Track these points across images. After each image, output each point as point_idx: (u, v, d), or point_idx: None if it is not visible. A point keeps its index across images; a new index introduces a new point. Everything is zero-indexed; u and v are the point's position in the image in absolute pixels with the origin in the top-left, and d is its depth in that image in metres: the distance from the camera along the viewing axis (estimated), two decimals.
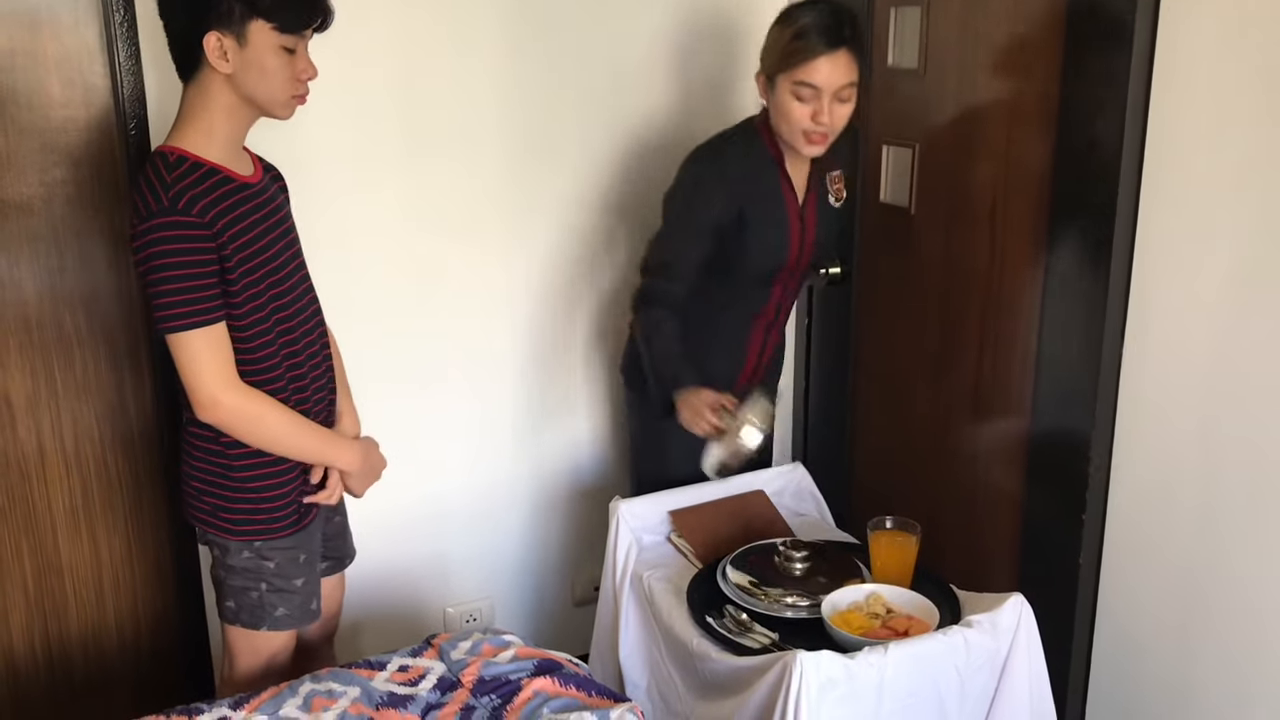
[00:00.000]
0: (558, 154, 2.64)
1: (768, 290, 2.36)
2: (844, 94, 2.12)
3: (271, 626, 2.03)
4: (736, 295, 2.35)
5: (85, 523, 2.37)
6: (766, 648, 1.95)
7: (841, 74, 2.10)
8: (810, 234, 2.33)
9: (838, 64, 2.09)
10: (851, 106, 2.16)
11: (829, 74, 2.09)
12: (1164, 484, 2.09)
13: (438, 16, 2.42)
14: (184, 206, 1.76)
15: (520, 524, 2.84)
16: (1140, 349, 2.09)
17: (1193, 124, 1.94)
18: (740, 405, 2.14)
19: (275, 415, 1.91)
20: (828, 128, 2.14)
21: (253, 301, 1.88)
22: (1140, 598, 2.16)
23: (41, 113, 2.16)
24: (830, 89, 2.10)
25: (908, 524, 2.11)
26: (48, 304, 2.24)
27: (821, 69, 2.09)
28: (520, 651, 1.98)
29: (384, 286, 2.51)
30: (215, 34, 1.77)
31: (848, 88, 2.12)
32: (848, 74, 2.11)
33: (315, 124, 2.30)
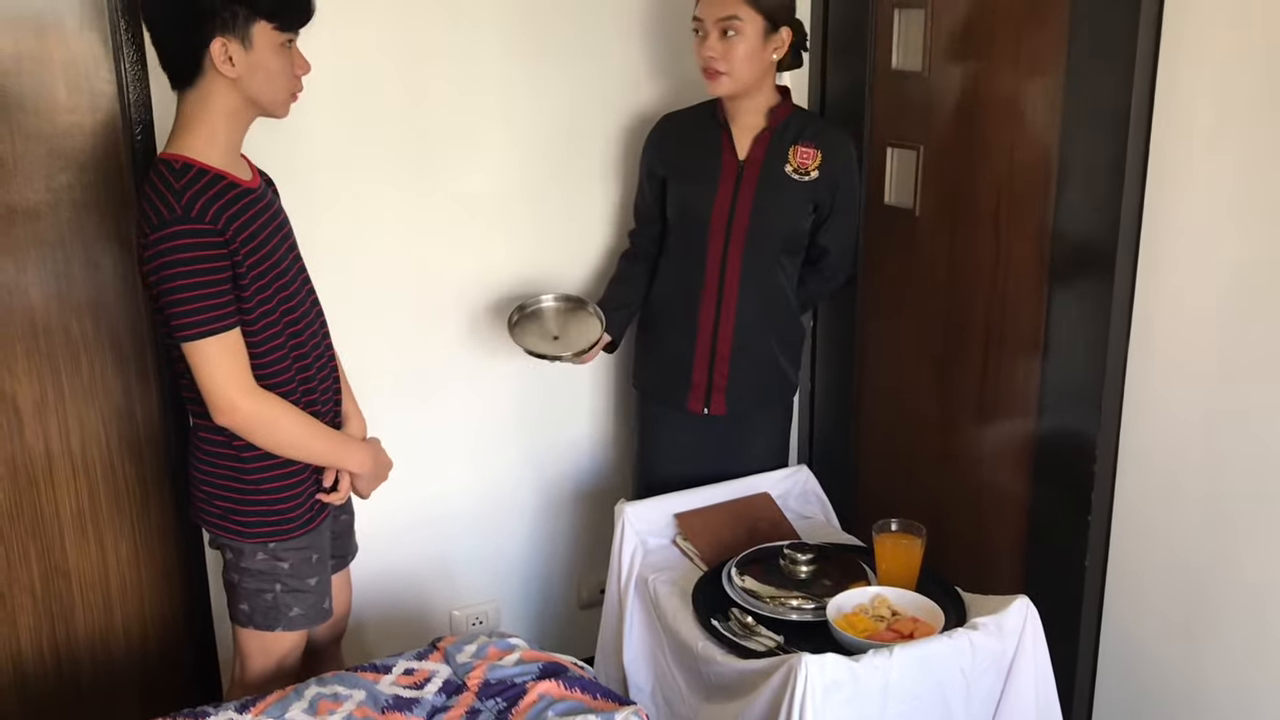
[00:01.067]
0: (559, 158, 2.64)
1: (703, 245, 2.43)
2: (728, 27, 2.27)
3: (286, 627, 2.04)
4: (680, 264, 2.48)
5: (92, 527, 2.38)
6: (772, 650, 1.95)
7: (718, 7, 2.27)
8: (747, 196, 2.38)
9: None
10: (744, 46, 2.28)
11: (707, 6, 2.29)
12: (1170, 485, 2.08)
13: (439, 23, 2.43)
14: (196, 214, 1.77)
15: (526, 527, 2.85)
16: (1145, 349, 2.09)
17: (1197, 124, 1.94)
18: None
19: (290, 418, 1.92)
20: (713, 62, 2.29)
21: (263, 305, 1.89)
22: (1146, 599, 2.16)
23: (48, 118, 2.17)
24: (710, 20, 2.28)
25: (913, 526, 2.11)
26: (54, 309, 2.25)
27: (703, 2, 2.31)
28: (525, 655, 1.98)
29: (387, 290, 2.52)
30: (220, 40, 1.78)
31: (729, 20, 2.27)
32: (727, 8, 2.26)
33: (316, 130, 2.31)
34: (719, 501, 2.41)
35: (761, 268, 2.43)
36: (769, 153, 2.39)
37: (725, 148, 2.41)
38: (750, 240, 2.40)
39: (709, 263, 2.42)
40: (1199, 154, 1.95)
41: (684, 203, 2.44)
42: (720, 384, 2.47)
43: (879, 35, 2.57)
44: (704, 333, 2.45)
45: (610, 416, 2.87)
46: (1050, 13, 2.16)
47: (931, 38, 2.44)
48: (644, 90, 2.69)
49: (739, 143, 2.40)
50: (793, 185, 2.39)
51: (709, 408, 2.49)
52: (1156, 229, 2.03)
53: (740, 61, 2.29)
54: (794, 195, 2.40)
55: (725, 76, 2.30)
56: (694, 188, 2.43)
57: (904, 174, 2.57)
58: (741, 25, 2.27)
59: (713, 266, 2.42)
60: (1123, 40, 2.00)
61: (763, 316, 2.48)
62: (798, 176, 2.39)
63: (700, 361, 2.47)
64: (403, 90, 2.43)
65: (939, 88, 2.45)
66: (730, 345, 2.46)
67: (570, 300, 2.52)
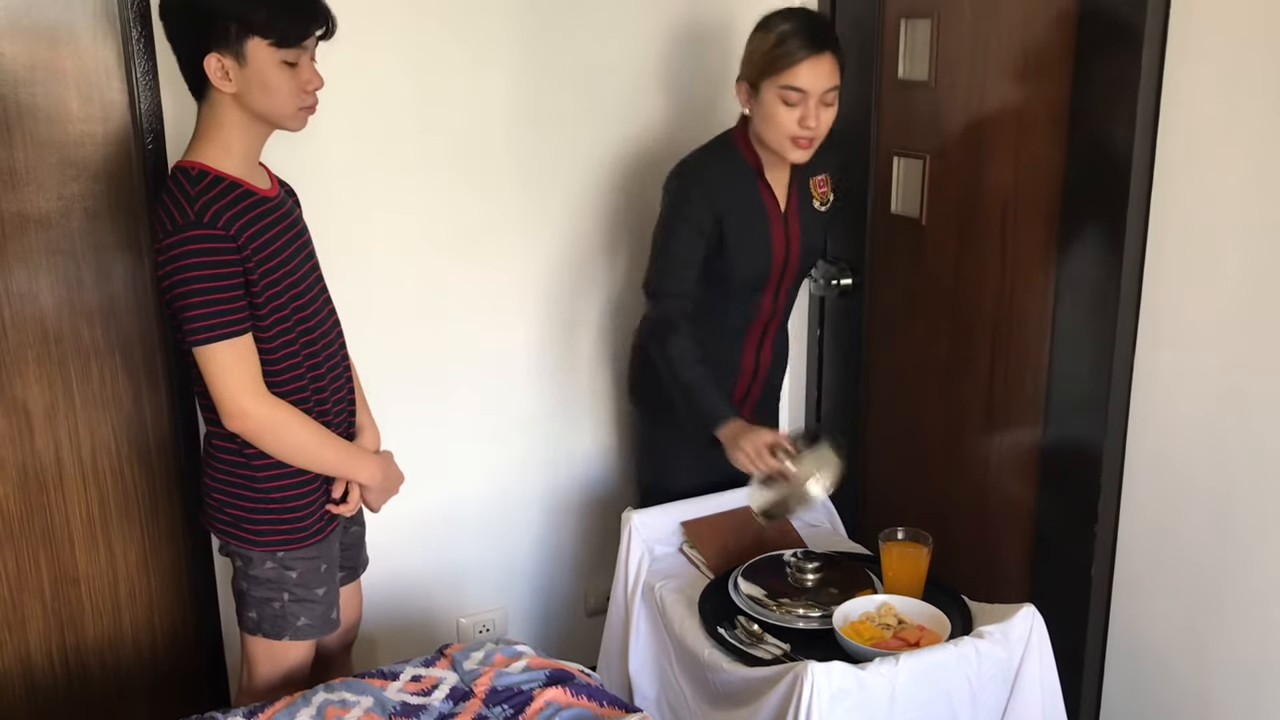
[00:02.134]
0: (568, 169, 2.65)
1: (757, 302, 2.37)
2: (828, 98, 2.16)
3: (294, 636, 2.04)
4: (726, 309, 2.36)
5: (102, 533, 2.39)
6: (778, 658, 1.96)
7: (826, 77, 2.14)
8: (795, 242, 2.34)
9: (822, 67, 2.13)
10: (834, 111, 2.19)
11: (814, 77, 2.13)
12: (1176, 494, 2.08)
13: (453, 37, 2.45)
14: (209, 220, 1.78)
15: (533, 534, 2.85)
16: (1152, 358, 2.09)
17: (1203, 134, 1.95)
18: (802, 451, 2.09)
19: (300, 426, 1.93)
20: (814, 132, 2.17)
21: (277, 313, 1.89)
22: (1153, 608, 2.15)
23: (60, 127, 2.18)
24: (816, 92, 2.14)
25: (919, 535, 2.12)
26: (66, 316, 2.27)
27: (807, 72, 2.12)
28: (532, 662, 1.98)
29: (397, 299, 2.53)
30: (215, 56, 1.78)
31: (831, 91, 2.15)
32: (831, 77, 2.15)
33: (332, 140, 2.33)
34: (725, 509, 2.41)
35: (794, 298, 2.46)
36: (800, 194, 2.35)
37: (767, 198, 2.30)
38: (796, 280, 2.41)
39: (762, 311, 2.37)
40: (1205, 161, 1.95)
41: (740, 266, 2.30)
42: (751, 406, 2.48)
43: (885, 45, 2.58)
44: (746, 368, 2.43)
45: (617, 425, 2.87)
46: (1056, 21, 2.17)
47: (938, 47, 2.45)
48: (653, 108, 2.70)
49: (777, 191, 2.32)
50: (820, 217, 2.39)
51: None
52: (1163, 238, 2.04)
53: (826, 128, 2.19)
54: (821, 227, 2.41)
55: (814, 143, 2.19)
56: (752, 251, 2.30)
57: (910, 183, 2.57)
58: (836, 95, 2.17)
59: (764, 314, 2.38)
60: (1129, 48, 2.00)
61: (783, 339, 2.51)
62: (823, 208, 2.38)
63: (739, 393, 2.44)
64: (415, 101, 2.45)
65: (945, 97, 2.46)
66: (765, 379, 2.48)
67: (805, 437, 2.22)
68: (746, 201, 2.29)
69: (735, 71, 2.27)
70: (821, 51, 2.12)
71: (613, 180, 2.71)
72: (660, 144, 2.71)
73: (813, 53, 2.12)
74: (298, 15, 1.82)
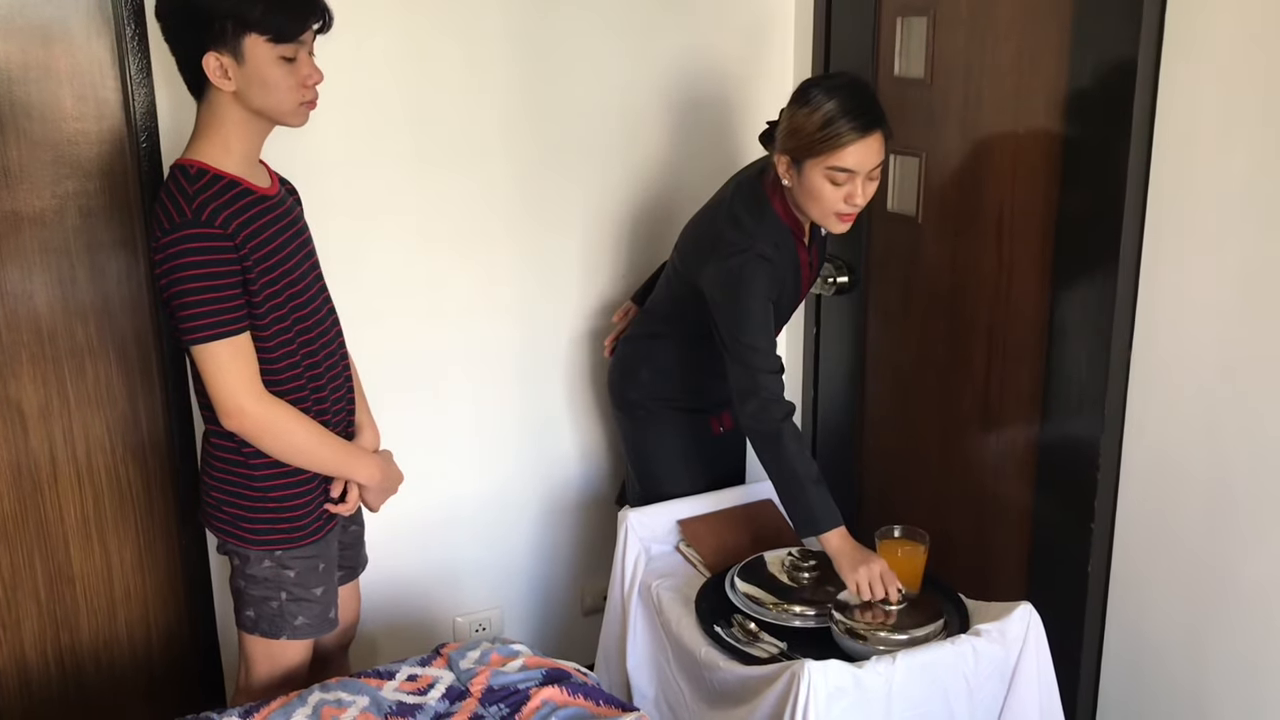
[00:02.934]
0: (565, 170, 2.65)
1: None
2: (875, 173, 2.10)
3: (291, 636, 2.04)
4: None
5: (97, 532, 2.38)
6: (775, 657, 1.96)
7: (874, 156, 2.07)
8: (811, 276, 2.36)
9: (871, 147, 2.06)
10: (878, 183, 2.13)
11: (863, 158, 2.06)
12: (1173, 492, 2.08)
13: (451, 36, 2.44)
14: (207, 218, 1.78)
15: (530, 533, 2.85)
16: (1148, 356, 2.09)
17: (1200, 130, 1.95)
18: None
19: (298, 426, 1.92)
20: (860, 208, 2.12)
21: (275, 312, 1.89)
22: (1150, 606, 2.15)
23: (54, 125, 2.18)
24: (864, 171, 2.07)
25: (916, 533, 2.12)
26: (60, 315, 2.26)
27: (856, 154, 2.05)
28: (529, 661, 1.98)
29: (394, 298, 2.52)
30: (213, 54, 1.78)
31: (878, 168, 2.10)
32: (879, 154, 2.08)
33: (330, 140, 2.32)
34: (722, 508, 2.41)
35: None
36: (814, 234, 2.32)
37: (800, 252, 2.26)
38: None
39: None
40: (1203, 159, 1.95)
41: (788, 308, 2.31)
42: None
43: (881, 43, 2.58)
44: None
45: (614, 423, 2.87)
46: (1052, 19, 2.17)
47: (934, 45, 2.45)
48: (649, 108, 2.70)
49: (806, 242, 2.29)
50: (824, 242, 2.40)
51: (724, 426, 2.50)
52: (1160, 236, 2.04)
53: (869, 198, 2.13)
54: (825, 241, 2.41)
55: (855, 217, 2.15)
56: (790, 304, 2.32)
57: (907, 181, 2.57)
58: (881, 168, 2.11)
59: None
60: (1125, 45, 2.00)
61: None
62: (823, 234, 2.37)
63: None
64: (411, 102, 2.44)
65: (942, 95, 2.46)
66: None
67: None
68: (792, 266, 2.24)
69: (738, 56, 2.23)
70: (870, 132, 2.05)
71: (611, 178, 2.70)
72: (660, 140, 2.71)
73: (862, 135, 2.04)
74: (294, 10, 1.81)
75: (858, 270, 2.73)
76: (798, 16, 2.79)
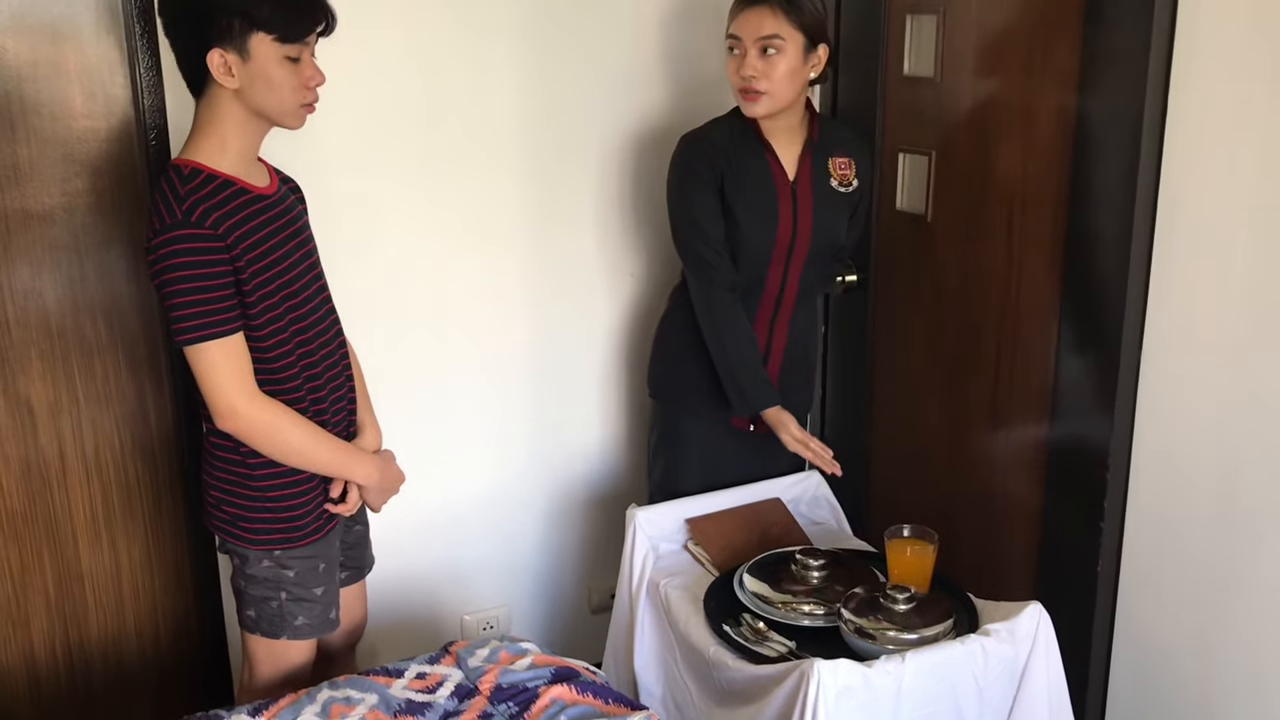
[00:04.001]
0: (575, 165, 2.65)
1: (762, 276, 2.36)
2: (769, 45, 2.20)
3: (291, 635, 2.04)
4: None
5: (105, 529, 2.39)
6: (783, 656, 1.95)
7: (757, 25, 2.21)
8: (806, 217, 2.34)
9: (757, 15, 2.21)
10: (784, 64, 2.22)
11: (746, 25, 2.22)
12: (1183, 492, 2.08)
13: (457, 32, 2.44)
14: (197, 219, 1.78)
15: (537, 532, 2.85)
16: (1158, 356, 2.09)
17: (1211, 130, 1.94)
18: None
19: (293, 427, 1.92)
20: (755, 80, 2.22)
21: (269, 313, 1.89)
22: (1160, 606, 2.15)
23: (64, 123, 2.18)
24: (749, 38, 2.21)
25: (925, 532, 2.11)
26: (69, 312, 2.26)
27: (742, 21, 2.23)
28: (537, 659, 1.98)
29: (402, 296, 2.52)
30: (218, 51, 1.78)
31: (770, 39, 2.20)
32: (768, 26, 2.20)
33: (334, 137, 2.33)
34: (730, 507, 2.41)
35: (811, 283, 2.44)
36: (814, 169, 2.35)
37: (774, 169, 2.32)
38: (808, 259, 2.38)
39: (768, 285, 2.37)
40: (1213, 158, 1.94)
41: (746, 232, 2.32)
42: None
43: (891, 41, 2.58)
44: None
45: (622, 421, 2.87)
46: (1063, 19, 2.16)
47: (944, 44, 2.44)
48: (663, 103, 2.69)
49: (785, 162, 2.34)
50: (839, 198, 2.38)
51: (755, 424, 2.46)
52: (1170, 235, 2.03)
53: (781, 81, 2.22)
54: (842, 208, 2.40)
55: (765, 96, 2.23)
56: (756, 216, 2.32)
57: (916, 179, 2.57)
58: (782, 44, 2.20)
59: (771, 289, 2.38)
60: (1136, 46, 2.00)
61: (805, 327, 2.49)
62: (843, 189, 2.37)
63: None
64: (418, 99, 2.44)
65: (951, 94, 2.45)
66: (781, 362, 2.45)
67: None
68: (751, 167, 2.31)
69: None
70: (756, 3, 2.21)
71: (622, 175, 2.70)
72: (671, 136, 2.70)
73: (748, 4, 2.22)
74: (301, 10, 1.82)
75: (867, 269, 2.72)
76: None
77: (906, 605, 1.98)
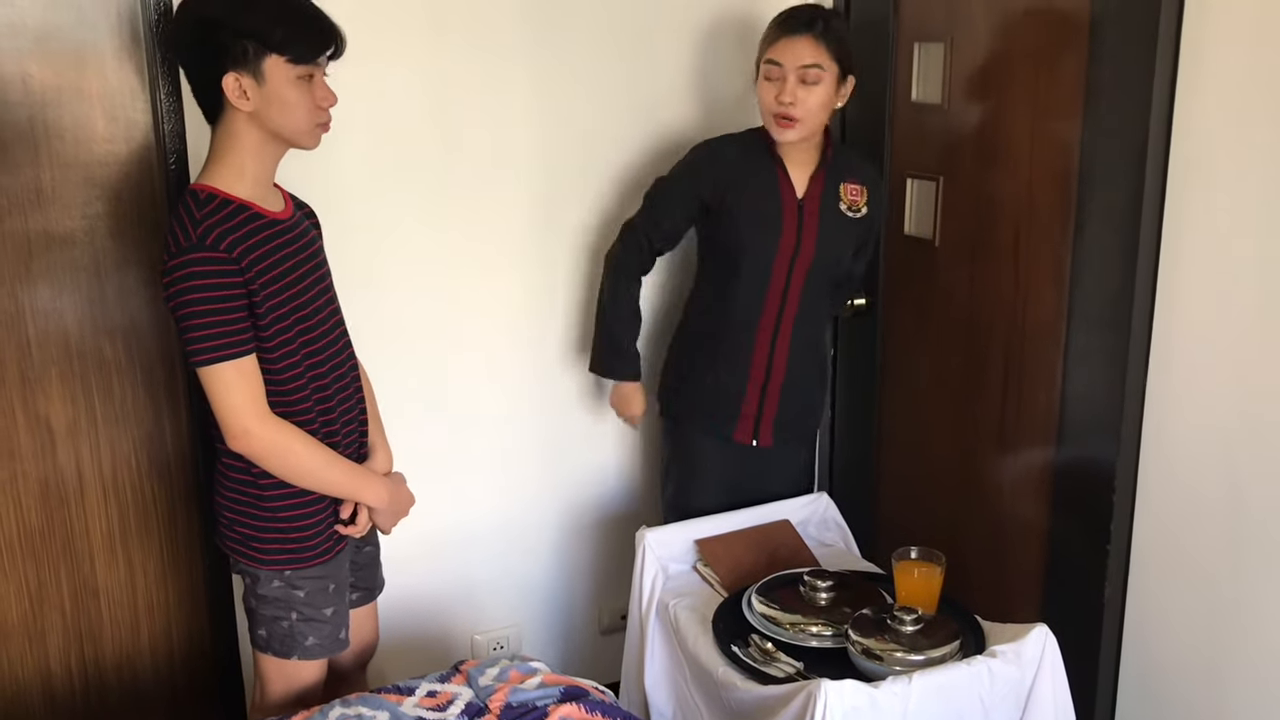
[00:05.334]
0: (588, 189, 2.67)
1: (763, 291, 2.40)
2: (807, 75, 2.25)
3: (302, 655, 2.05)
4: (735, 295, 2.42)
5: (121, 547, 2.41)
6: (791, 677, 1.97)
7: (801, 54, 2.25)
8: (810, 235, 2.37)
9: (800, 45, 2.26)
10: (821, 93, 2.27)
11: (789, 52, 2.26)
12: (1189, 515, 2.09)
13: (471, 57, 2.47)
14: (212, 242, 1.81)
15: (548, 552, 2.86)
16: (1165, 380, 2.10)
17: (1216, 158, 1.96)
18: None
19: (304, 448, 1.94)
20: (792, 107, 2.26)
21: (281, 336, 1.91)
22: (1166, 629, 2.16)
23: (86, 147, 2.21)
24: (791, 65, 2.25)
25: (933, 554, 2.12)
26: (88, 333, 2.29)
27: (784, 48, 2.27)
28: (547, 678, 1.99)
29: (414, 320, 2.55)
30: (233, 75, 1.82)
31: (811, 69, 2.25)
32: (809, 55, 2.25)
33: (347, 160, 2.36)
34: (740, 528, 2.42)
35: (814, 302, 2.46)
36: (824, 191, 2.39)
37: (783, 185, 2.37)
38: (810, 278, 2.41)
39: (769, 299, 2.40)
40: (1218, 183, 1.96)
41: (744, 239, 2.37)
42: (770, 415, 2.48)
43: (899, 68, 2.61)
44: (758, 367, 2.45)
45: (632, 442, 2.89)
46: (1069, 46, 2.19)
47: (951, 71, 2.47)
48: (673, 122, 2.72)
49: (796, 180, 2.38)
50: (847, 223, 2.42)
51: (758, 439, 2.49)
52: (1175, 258, 2.05)
53: (815, 110, 2.27)
54: (849, 232, 2.43)
55: (799, 124, 2.27)
56: (756, 225, 2.37)
57: (924, 205, 2.59)
58: (821, 74, 2.25)
59: (773, 302, 2.41)
60: (1140, 73, 2.02)
61: (809, 349, 2.50)
62: (851, 214, 2.41)
63: (752, 394, 2.46)
64: (431, 122, 2.47)
65: (958, 120, 2.48)
66: (782, 379, 2.47)
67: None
68: (759, 182, 2.38)
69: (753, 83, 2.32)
70: (800, 33, 2.26)
71: (635, 197, 2.71)
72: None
73: (793, 33, 2.27)
74: (313, 32, 1.86)
75: (876, 293, 2.74)
76: None
77: (913, 626, 2.00)
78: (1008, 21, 2.34)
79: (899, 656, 1.95)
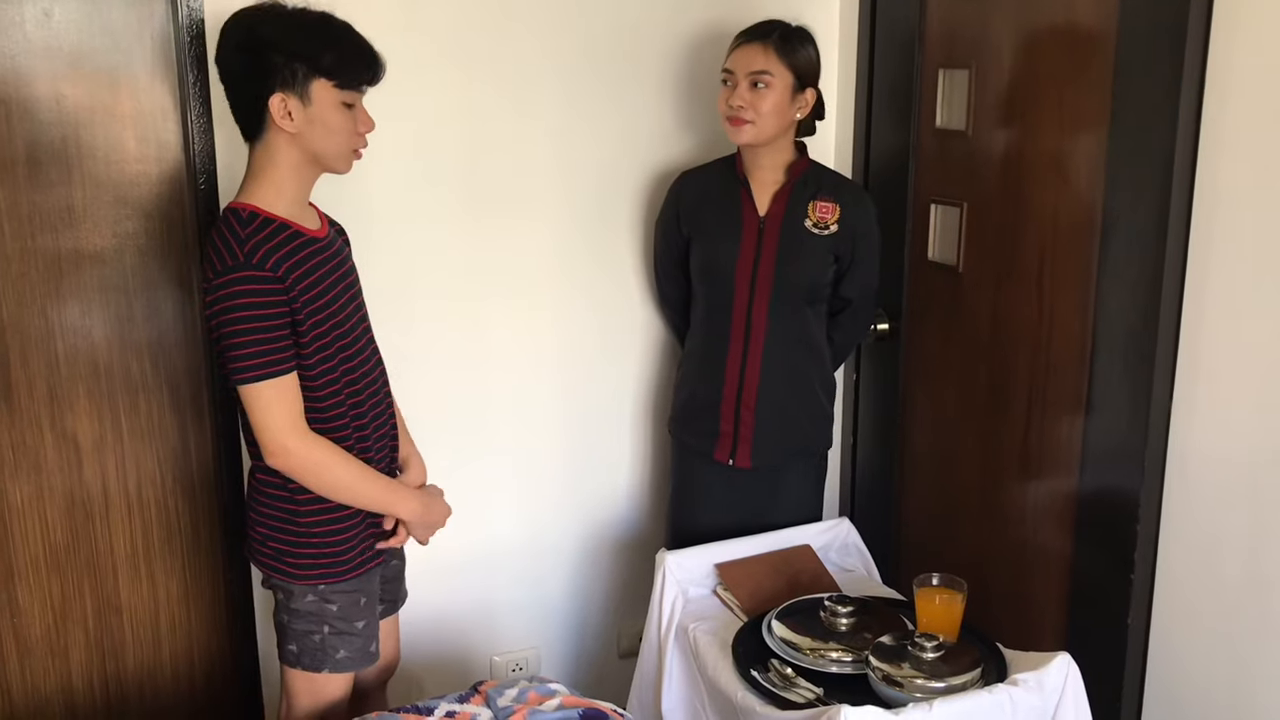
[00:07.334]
0: (612, 215, 2.70)
1: (727, 310, 2.46)
2: (758, 80, 2.34)
3: (333, 669, 2.06)
4: (710, 314, 2.51)
5: (145, 564, 2.43)
6: (811, 702, 1.96)
7: (749, 60, 2.35)
8: (770, 251, 2.42)
9: (751, 52, 2.36)
10: (772, 98, 2.35)
11: (741, 59, 2.37)
12: (1213, 544, 2.07)
13: (501, 85, 2.50)
14: (258, 261, 1.83)
15: (567, 574, 2.87)
16: (1189, 408, 2.09)
17: (1242, 187, 1.95)
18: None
19: (341, 464, 1.96)
20: (742, 110, 2.35)
21: (321, 352, 1.94)
22: (1190, 658, 2.14)
23: (118, 167, 2.25)
24: (741, 71, 2.36)
25: (954, 581, 2.11)
26: (116, 350, 2.32)
27: (737, 56, 2.38)
28: (566, 700, 1.99)
29: (439, 342, 2.57)
30: (280, 95, 1.86)
31: (761, 74, 2.34)
32: (759, 62, 2.34)
33: (377, 184, 2.38)
34: (760, 552, 2.42)
35: (787, 320, 2.47)
36: (788, 208, 2.44)
37: (745, 203, 2.45)
38: (775, 293, 2.44)
39: (735, 315, 2.46)
40: (1245, 206, 1.95)
41: (707, 258, 2.48)
42: (746, 435, 2.49)
43: (924, 94, 2.61)
44: (730, 384, 2.48)
45: (652, 466, 2.89)
46: (1093, 72, 2.19)
47: (975, 97, 2.47)
48: (695, 148, 2.74)
49: (758, 199, 2.45)
50: (813, 239, 2.44)
51: (734, 459, 2.51)
52: (1201, 286, 2.04)
53: (766, 114, 2.35)
54: (815, 248, 2.44)
55: (749, 125, 2.36)
56: (716, 244, 2.47)
57: (948, 231, 2.59)
58: (772, 80, 2.34)
59: (738, 318, 2.46)
60: (1166, 99, 2.02)
61: (790, 369, 2.50)
62: (818, 230, 2.43)
63: (726, 411, 2.49)
64: (459, 147, 2.50)
65: (983, 146, 2.48)
66: (755, 397, 2.48)
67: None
68: (719, 205, 2.48)
69: None
70: (752, 41, 2.36)
71: (653, 223, 2.74)
72: None
73: (746, 41, 2.37)
74: (360, 60, 1.91)
75: (899, 319, 2.74)
76: (840, 68, 2.83)
77: (935, 654, 1.99)
78: (1032, 45, 2.34)
79: (920, 683, 1.94)
